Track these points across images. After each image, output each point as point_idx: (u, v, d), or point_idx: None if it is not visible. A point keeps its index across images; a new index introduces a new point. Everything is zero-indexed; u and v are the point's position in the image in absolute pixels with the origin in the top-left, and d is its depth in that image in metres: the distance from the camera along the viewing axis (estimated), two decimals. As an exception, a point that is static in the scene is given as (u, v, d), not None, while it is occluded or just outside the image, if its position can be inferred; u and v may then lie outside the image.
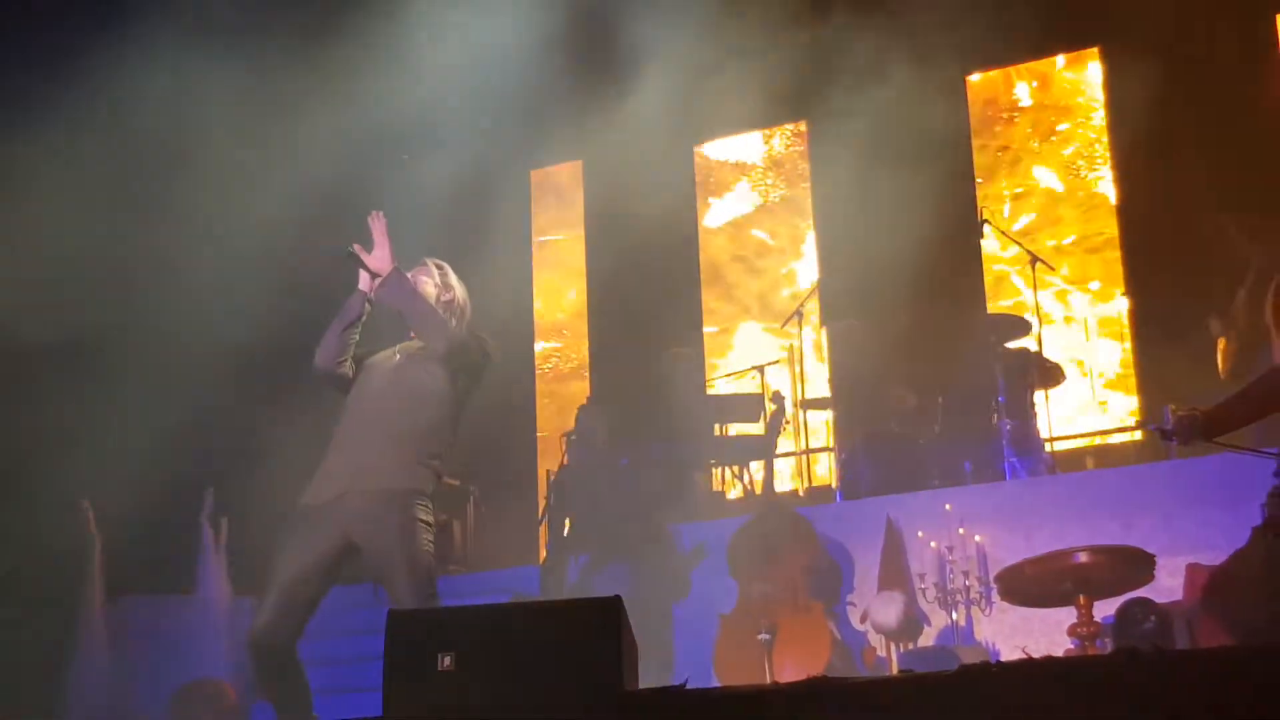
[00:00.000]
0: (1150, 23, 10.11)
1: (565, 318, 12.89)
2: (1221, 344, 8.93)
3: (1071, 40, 11.31)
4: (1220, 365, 8.72)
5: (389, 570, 5.59)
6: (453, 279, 6.10)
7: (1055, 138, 11.69)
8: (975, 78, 11.63)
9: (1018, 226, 11.46)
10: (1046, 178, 11.67)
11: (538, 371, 12.75)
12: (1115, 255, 11.24)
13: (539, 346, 12.82)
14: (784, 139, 12.36)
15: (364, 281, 5.89)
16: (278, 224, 9.35)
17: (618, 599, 4.40)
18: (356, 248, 5.82)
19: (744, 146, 12.53)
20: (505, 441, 11.48)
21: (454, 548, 10.38)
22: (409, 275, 5.92)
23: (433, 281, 6.01)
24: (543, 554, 9.61)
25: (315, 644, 6.12)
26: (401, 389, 5.82)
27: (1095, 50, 11.34)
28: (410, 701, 4.29)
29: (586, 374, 12.48)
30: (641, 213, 10.57)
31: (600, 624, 4.35)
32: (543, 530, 10.03)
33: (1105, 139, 11.33)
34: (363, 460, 5.69)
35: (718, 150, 12.58)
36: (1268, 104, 10.34)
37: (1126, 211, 11.07)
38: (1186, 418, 5.46)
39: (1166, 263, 10.25)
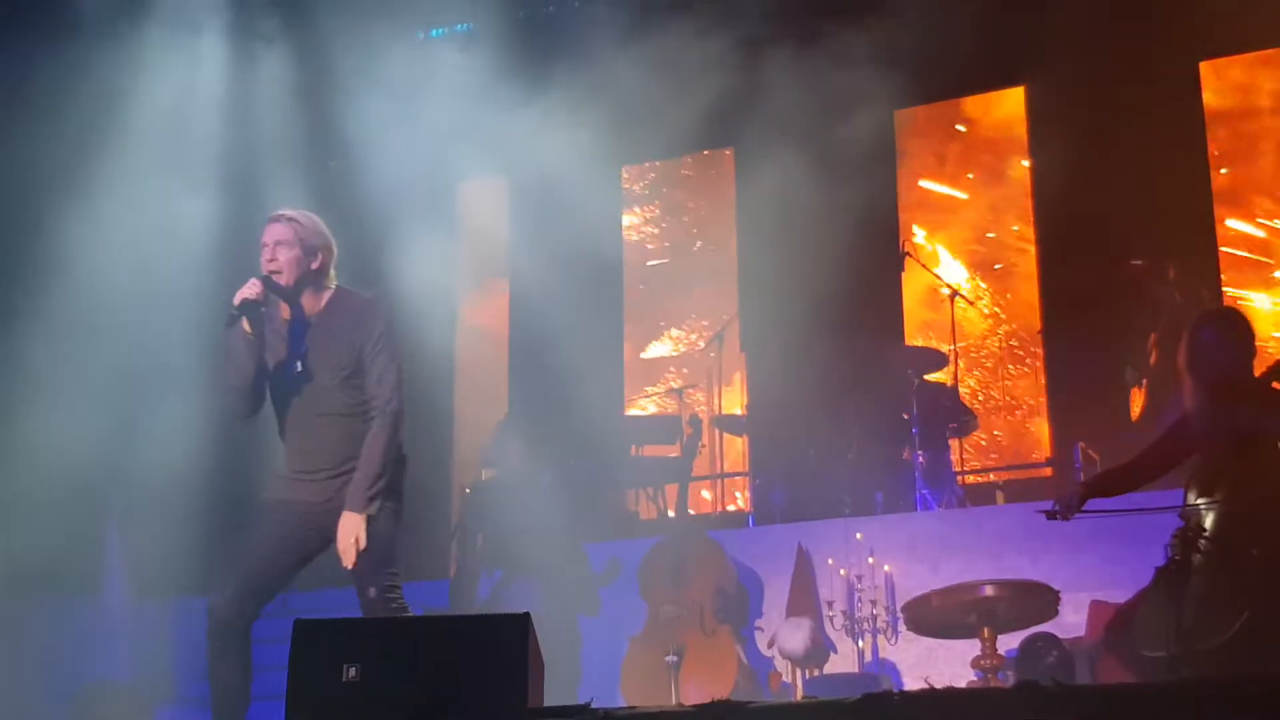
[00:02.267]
0: (1075, 64, 10.24)
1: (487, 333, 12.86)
2: (1134, 390, 9.07)
3: (998, 79, 11.42)
4: (1132, 408, 8.86)
5: (387, 563, 5.62)
6: (311, 233, 5.75)
7: (973, 175, 11.82)
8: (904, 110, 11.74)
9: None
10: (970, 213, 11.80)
11: (456, 384, 12.69)
12: (1033, 292, 11.36)
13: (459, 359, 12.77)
14: (709, 164, 12.40)
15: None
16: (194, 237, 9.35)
17: (526, 616, 4.40)
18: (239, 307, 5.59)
19: (669, 170, 12.58)
20: (419, 454, 11.42)
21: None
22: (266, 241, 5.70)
23: (295, 255, 5.68)
24: (453, 568, 9.58)
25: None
26: (322, 419, 5.71)
27: (1021, 89, 11.45)
28: (314, 712, 4.27)
29: (505, 389, 12.44)
30: (565, 231, 10.57)
31: (507, 640, 4.35)
32: (454, 545, 9.99)
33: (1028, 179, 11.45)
34: (316, 465, 5.68)
35: (643, 173, 12.61)
36: (1187, 150, 10.49)
37: (1045, 252, 11.17)
38: (1065, 496, 5.72)
39: (1083, 302, 10.36)
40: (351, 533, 5.52)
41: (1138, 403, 9.13)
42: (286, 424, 5.78)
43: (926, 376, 9.56)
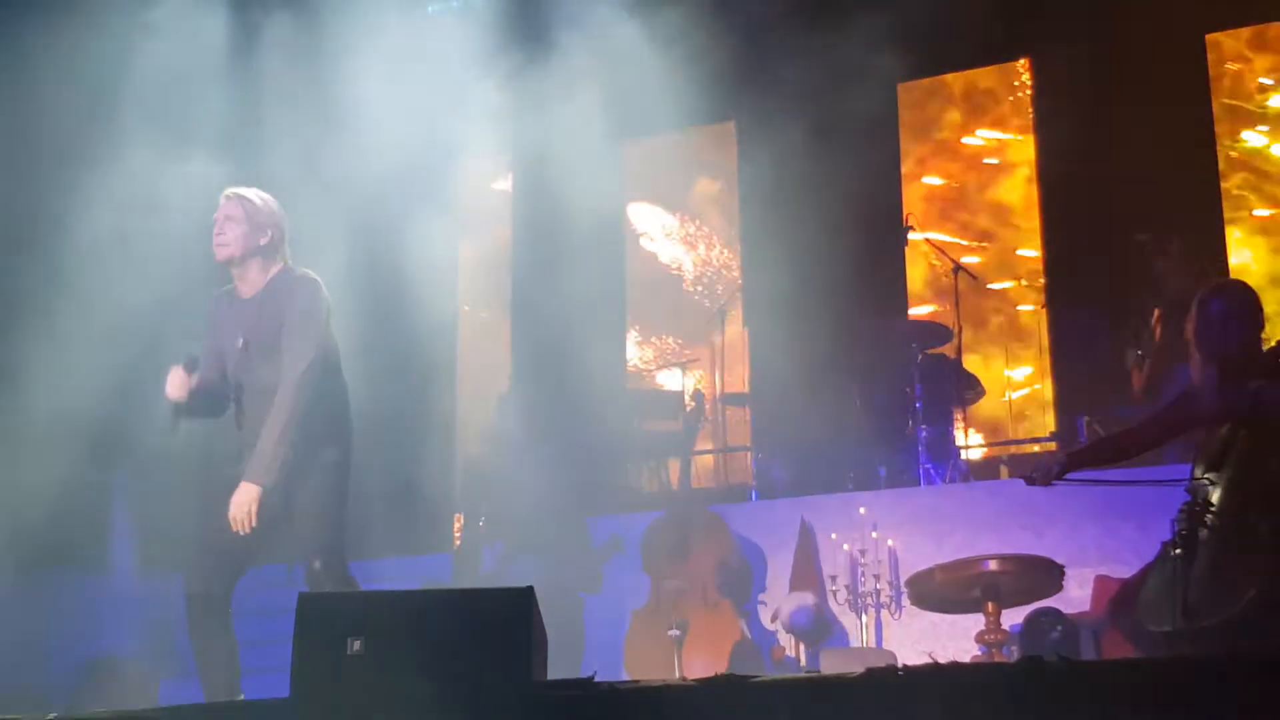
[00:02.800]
0: (1079, 38, 10.21)
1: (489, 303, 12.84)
2: (1135, 365, 9.04)
3: (1002, 52, 11.38)
4: (1135, 383, 8.83)
5: (306, 530, 5.72)
6: (261, 212, 5.96)
7: (977, 148, 11.79)
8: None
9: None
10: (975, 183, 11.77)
11: (458, 357, 12.67)
12: (1037, 267, 11.34)
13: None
14: (712, 138, 12.35)
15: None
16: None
17: (529, 589, 4.40)
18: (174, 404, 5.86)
19: (671, 145, 12.52)
20: (421, 428, 11.41)
21: (369, 532, 10.31)
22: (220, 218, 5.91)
23: (242, 231, 5.90)
24: (457, 542, 9.58)
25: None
26: (263, 394, 5.81)
27: (1025, 62, 11.41)
28: (318, 684, 4.27)
29: (507, 362, 12.43)
30: (568, 206, 10.54)
31: (511, 614, 4.35)
32: (457, 518, 9.99)
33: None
34: (284, 444, 5.70)
35: (645, 148, 12.56)
36: (1192, 125, 10.46)
37: (1049, 226, 11.16)
38: (1042, 462, 5.71)
39: (1087, 276, 10.34)
40: (243, 504, 5.61)
41: (1140, 377, 9.10)
42: (234, 399, 5.95)
43: (929, 350, 9.55)
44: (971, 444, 10.71)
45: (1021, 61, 11.48)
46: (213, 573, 5.74)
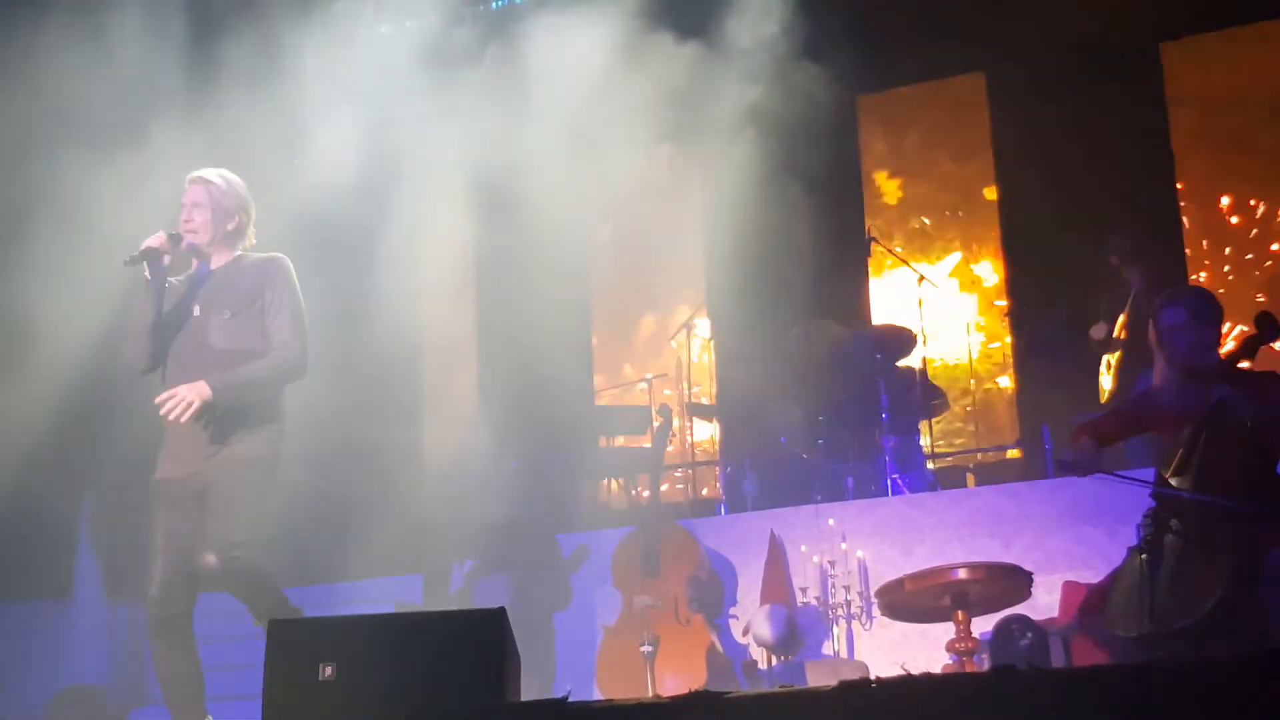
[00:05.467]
0: (1035, 46, 10.25)
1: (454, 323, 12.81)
2: (1106, 362, 9.10)
3: (958, 65, 11.43)
4: (1100, 389, 8.89)
5: (215, 522, 5.56)
6: (227, 196, 5.94)
7: (936, 160, 11.84)
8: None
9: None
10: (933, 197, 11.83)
11: (423, 375, 12.64)
12: (1000, 275, 11.40)
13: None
14: (674, 153, 12.35)
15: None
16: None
17: (501, 611, 4.40)
18: (142, 253, 5.72)
19: (640, 158, 12.50)
20: (387, 446, 11.39)
21: (338, 555, 10.27)
22: (186, 201, 5.88)
23: (208, 217, 5.88)
24: (425, 562, 9.54)
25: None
26: (213, 362, 5.71)
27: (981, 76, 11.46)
28: (291, 710, 4.26)
29: (475, 378, 12.41)
30: (532, 218, 10.51)
31: (484, 636, 4.35)
32: (422, 538, 9.96)
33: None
34: (197, 435, 5.63)
35: (611, 163, 12.53)
36: (1148, 128, 10.53)
37: (1009, 235, 11.22)
38: (1086, 448, 5.61)
39: (1049, 284, 10.40)
40: (186, 395, 5.52)
41: (1106, 383, 9.17)
42: (174, 371, 5.77)
43: (896, 362, 9.58)
44: (938, 452, 10.74)
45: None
46: (174, 589, 5.61)
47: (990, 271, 11.53)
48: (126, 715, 8.51)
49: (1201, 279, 10.58)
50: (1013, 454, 10.98)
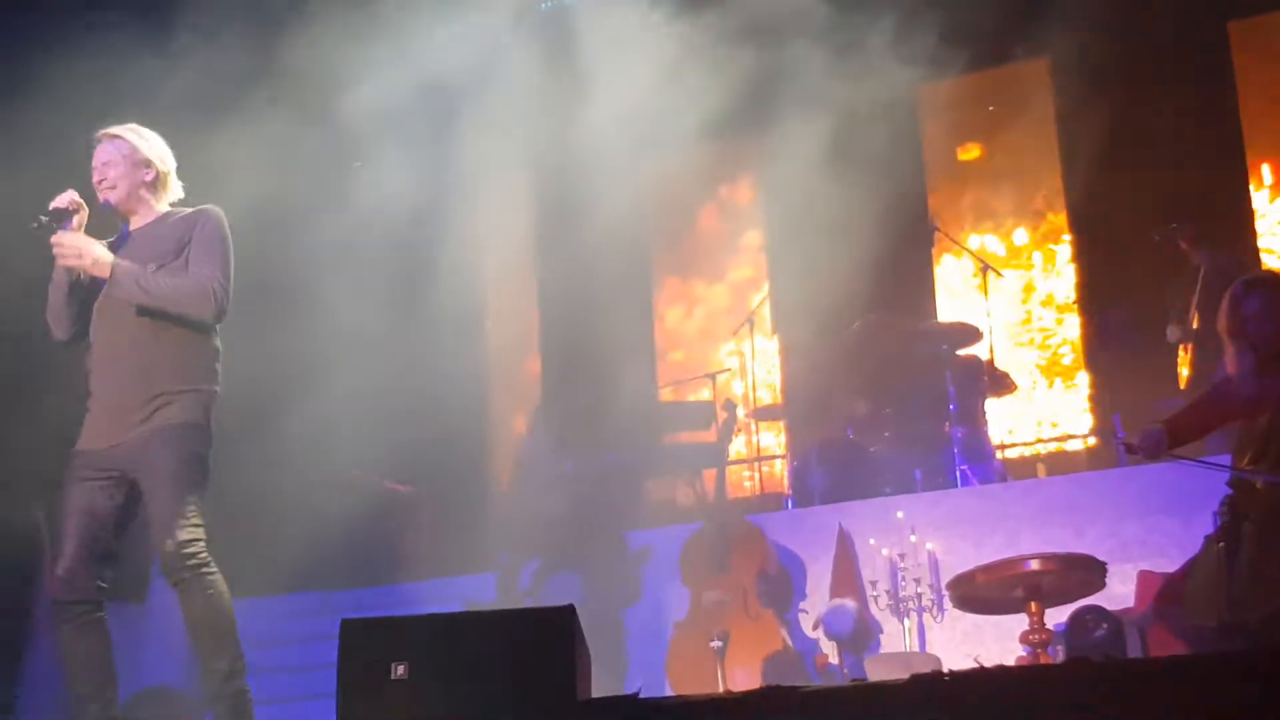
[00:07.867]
0: (1099, 31, 10.15)
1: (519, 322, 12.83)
2: (1181, 352, 9.01)
3: (1022, 50, 11.32)
4: (1181, 373, 8.80)
5: (157, 505, 5.26)
6: (138, 149, 5.58)
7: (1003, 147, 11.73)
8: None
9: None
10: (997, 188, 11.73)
11: (489, 378, 12.67)
12: (1068, 264, 11.30)
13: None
14: (737, 147, 12.31)
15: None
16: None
17: (571, 608, 4.40)
18: (49, 214, 5.39)
19: (698, 154, 12.47)
20: (454, 448, 11.41)
21: (408, 554, 10.31)
22: (98, 158, 5.54)
23: (122, 171, 5.54)
24: (497, 561, 9.56)
25: (266, 652, 6.06)
26: (137, 323, 5.38)
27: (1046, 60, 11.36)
28: (364, 711, 4.28)
29: (539, 377, 12.43)
30: (593, 215, 10.51)
31: (554, 633, 4.35)
32: (494, 538, 9.98)
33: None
34: (122, 403, 5.33)
35: (670, 158, 12.51)
36: (1216, 110, 10.41)
37: (1077, 219, 11.12)
38: (1152, 434, 5.54)
39: (1118, 271, 10.31)
40: (84, 248, 5.30)
41: (1183, 369, 9.07)
42: (100, 335, 5.49)
43: (960, 351, 9.51)
44: (1008, 443, 10.67)
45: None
46: (78, 570, 5.26)
47: (1059, 260, 11.42)
48: (204, 714, 8.56)
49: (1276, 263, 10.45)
50: (1084, 444, 10.89)
